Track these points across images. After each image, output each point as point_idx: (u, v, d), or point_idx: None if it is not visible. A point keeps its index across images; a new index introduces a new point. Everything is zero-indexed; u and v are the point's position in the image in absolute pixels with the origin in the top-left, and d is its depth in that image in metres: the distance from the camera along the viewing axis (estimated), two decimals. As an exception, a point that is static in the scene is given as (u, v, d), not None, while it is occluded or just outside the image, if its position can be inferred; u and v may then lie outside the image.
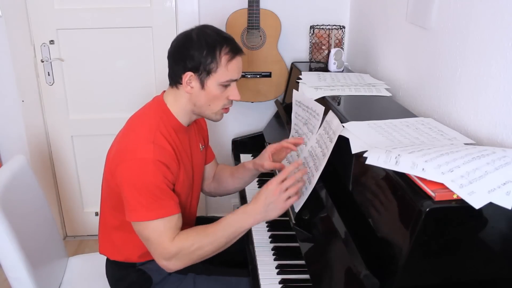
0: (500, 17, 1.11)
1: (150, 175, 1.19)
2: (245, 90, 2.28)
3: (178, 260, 1.22)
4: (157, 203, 1.20)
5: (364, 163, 0.97)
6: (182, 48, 1.25)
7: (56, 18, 2.24)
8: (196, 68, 1.23)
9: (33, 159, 2.42)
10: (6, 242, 1.28)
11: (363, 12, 2.13)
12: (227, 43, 1.24)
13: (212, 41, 1.23)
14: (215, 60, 1.22)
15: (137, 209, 1.20)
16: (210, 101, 1.28)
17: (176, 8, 2.27)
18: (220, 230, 1.22)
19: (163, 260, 1.22)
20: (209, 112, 1.31)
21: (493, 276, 0.93)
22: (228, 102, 1.31)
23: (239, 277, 1.40)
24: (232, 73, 1.26)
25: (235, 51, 1.25)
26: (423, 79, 1.52)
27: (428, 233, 0.84)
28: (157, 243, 1.21)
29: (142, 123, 1.29)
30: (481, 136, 1.19)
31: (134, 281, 1.39)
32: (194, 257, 1.23)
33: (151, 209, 1.19)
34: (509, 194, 0.83)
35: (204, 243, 1.22)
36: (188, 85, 1.26)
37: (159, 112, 1.31)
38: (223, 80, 1.25)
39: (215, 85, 1.25)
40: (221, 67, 1.23)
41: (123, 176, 1.21)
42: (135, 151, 1.21)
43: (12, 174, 1.43)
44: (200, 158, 1.48)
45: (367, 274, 0.93)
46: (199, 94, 1.27)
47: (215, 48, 1.22)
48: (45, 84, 2.35)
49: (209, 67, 1.23)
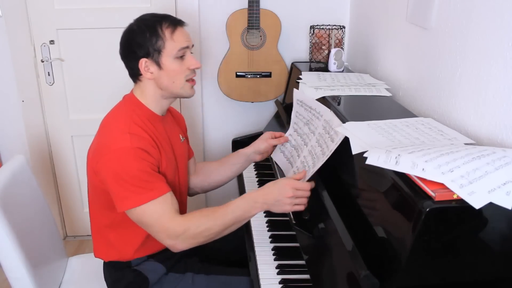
0: (500, 17, 1.11)
1: (132, 162, 1.20)
2: (245, 90, 2.28)
3: (185, 240, 1.22)
4: (147, 186, 1.21)
5: (364, 163, 0.97)
6: (128, 42, 1.30)
7: (56, 18, 2.24)
8: (146, 53, 1.27)
9: (33, 159, 2.42)
10: (6, 242, 1.28)
11: (363, 12, 2.13)
12: (165, 19, 1.29)
13: (151, 22, 1.28)
14: (159, 37, 1.27)
15: (128, 197, 1.20)
16: (172, 77, 1.30)
17: (176, 8, 2.27)
18: (229, 213, 1.24)
19: (168, 240, 1.22)
20: (176, 89, 1.33)
21: (493, 276, 0.93)
22: (190, 72, 1.33)
23: (238, 276, 1.39)
24: (179, 42, 1.28)
25: (175, 23, 1.30)
26: (423, 79, 1.52)
27: (428, 233, 0.84)
28: (158, 225, 1.21)
29: (115, 119, 1.32)
30: (481, 136, 1.19)
31: (131, 281, 1.38)
32: (201, 238, 1.24)
33: (142, 193, 1.20)
34: (509, 194, 0.83)
35: (211, 224, 1.23)
36: (147, 72, 1.29)
37: (131, 106, 1.34)
38: (174, 51, 1.28)
39: (170, 60, 1.28)
40: (167, 41, 1.27)
41: (106, 170, 1.22)
42: (112, 143, 1.23)
43: (12, 174, 1.43)
44: (182, 149, 1.48)
45: (367, 274, 0.93)
46: (160, 76, 1.30)
47: (155, 27, 1.27)
48: (45, 84, 2.35)
49: (157, 46, 1.27)
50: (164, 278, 1.39)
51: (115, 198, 1.23)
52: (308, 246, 1.27)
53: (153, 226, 1.22)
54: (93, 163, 1.28)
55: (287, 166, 1.46)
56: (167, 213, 1.22)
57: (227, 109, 2.45)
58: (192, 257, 1.48)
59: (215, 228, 1.24)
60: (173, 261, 1.42)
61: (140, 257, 1.39)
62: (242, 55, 2.22)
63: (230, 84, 2.28)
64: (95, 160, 1.26)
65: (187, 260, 1.45)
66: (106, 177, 1.22)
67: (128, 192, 1.20)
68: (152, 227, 1.23)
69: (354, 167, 1.18)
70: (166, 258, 1.41)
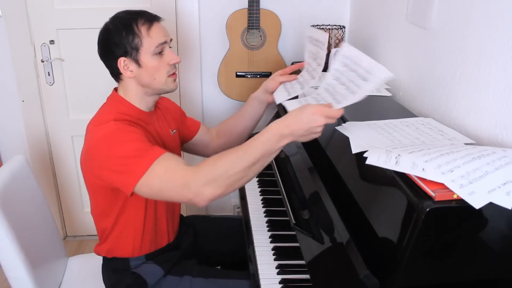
0: (501, 17, 1.11)
1: (120, 139, 1.18)
2: (245, 90, 2.28)
3: (207, 184, 1.10)
4: (142, 154, 1.15)
5: (364, 163, 0.97)
6: (105, 42, 1.29)
7: (56, 18, 2.24)
8: (124, 52, 1.26)
9: (33, 159, 2.42)
10: (6, 242, 1.28)
11: (363, 12, 2.13)
12: (140, 16, 1.27)
13: (126, 20, 1.27)
14: (136, 35, 1.25)
15: (128, 172, 1.14)
16: (152, 74, 1.29)
17: (176, 8, 2.27)
18: (252, 150, 1.09)
19: (189, 192, 1.11)
20: (158, 85, 1.31)
21: (493, 276, 0.93)
22: (170, 68, 1.31)
23: (237, 280, 1.39)
24: (156, 38, 1.27)
25: (151, 19, 1.28)
26: (423, 79, 1.52)
27: (428, 233, 0.84)
28: (170, 181, 1.13)
29: (100, 118, 1.29)
30: (481, 136, 1.19)
31: (129, 284, 1.38)
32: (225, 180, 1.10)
33: (141, 162, 1.14)
34: (509, 194, 0.83)
35: (232, 164, 1.10)
36: (127, 70, 1.28)
37: (115, 103, 1.32)
38: (152, 48, 1.26)
39: (149, 57, 1.27)
40: (144, 38, 1.25)
41: (99, 160, 1.19)
42: (98, 131, 1.21)
43: (12, 174, 1.43)
44: (173, 142, 1.47)
45: (367, 274, 0.93)
46: (140, 73, 1.28)
47: (131, 25, 1.25)
48: (45, 84, 2.35)
49: (134, 44, 1.25)
50: (162, 281, 1.39)
51: (119, 182, 1.18)
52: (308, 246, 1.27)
53: (166, 186, 1.13)
54: (87, 163, 1.27)
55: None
56: (174, 166, 1.14)
57: (227, 109, 2.45)
58: (191, 259, 1.47)
59: (237, 167, 1.09)
60: (172, 264, 1.42)
61: (139, 256, 1.39)
62: (242, 55, 2.22)
63: (230, 84, 2.28)
64: (88, 159, 1.25)
65: (186, 263, 1.44)
66: (101, 166, 1.19)
67: (127, 168, 1.15)
68: (166, 188, 1.14)
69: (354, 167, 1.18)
70: (165, 260, 1.41)
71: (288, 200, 1.45)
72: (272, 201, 1.67)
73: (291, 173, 1.56)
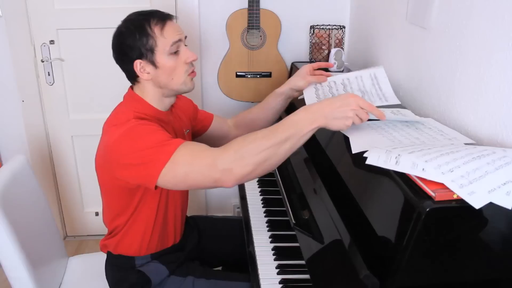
0: (500, 17, 1.11)
1: (140, 133, 1.16)
2: (245, 90, 2.28)
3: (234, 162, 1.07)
4: (165, 142, 1.14)
5: (364, 163, 0.97)
6: (119, 45, 1.27)
7: (56, 18, 2.24)
8: (140, 54, 1.24)
9: (33, 159, 2.42)
10: (6, 242, 1.28)
11: (363, 12, 2.13)
12: (152, 16, 1.24)
13: (138, 22, 1.24)
14: (149, 36, 1.22)
15: (152, 163, 1.12)
16: (170, 74, 1.26)
17: (176, 8, 2.27)
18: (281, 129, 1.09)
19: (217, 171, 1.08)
20: (176, 85, 1.28)
21: (493, 276, 0.93)
22: (188, 66, 1.28)
23: (238, 282, 1.39)
24: (170, 37, 1.24)
25: (163, 18, 1.25)
26: (423, 79, 1.52)
27: (428, 233, 0.84)
28: (197, 165, 1.11)
29: (117, 118, 1.27)
30: (481, 136, 1.19)
31: (134, 282, 1.39)
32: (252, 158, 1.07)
33: (164, 151, 1.12)
34: (509, 194, 0.83)
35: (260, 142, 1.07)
36: (143, 73, 1.26)
37: (133, 102, 1.30)
38: (167, 47, 1.23)
39: (165, 58, 1.24)
40: (158, 38, 1.23)
41: (118, 158, 1.17)
42: (119, 127, 1.19)
43: (12, 174, 1.43)
44: None
45: (367, 274, 0.93)
46: (157, 75, 1.26)
47: (144, 26, 1.22)
48: (45, 84, 2.35)
49: (148, 45, 1.23)
50: (166, 280, 1.39)
51: (141, 176, 1.15)
52: (308, 246, 1.27)
53: (192, 168, 1.10)
54: (104, 164, 1.24)
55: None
56: (198, 149, 1.13)
57: (227, 109, 2.45)
58: (194, 261, 1.48)
59: (266, 143, 1.07)
60: (176, 265, 1.43)
61: (145, 255, 1.39)
62: (242, 55, 2.22)
63: (230, 84, 2.28)
64: (106, 160, 1.23)
65: (189, 265, 1.45)
66: (122, 164, 1.16)
67: (150, 157, 1.12)
68: (191, 171, 1.11)
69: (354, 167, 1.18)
70: (170, 261, 1.42)
71: (288, 200, 1.45)
72: (272, 201, 1.67)
73: (291, 173, 1.56)
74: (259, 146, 1.08)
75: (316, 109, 1.08)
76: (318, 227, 1.24)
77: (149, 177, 1.14)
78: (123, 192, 1.27)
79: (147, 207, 1.33)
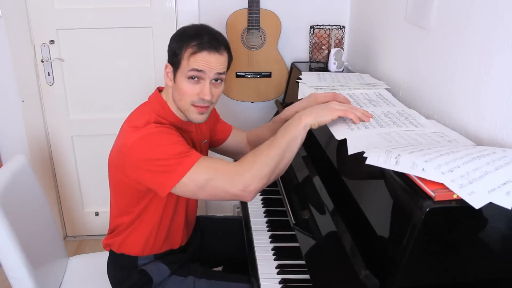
0: (500, 17, 1.11)
1: (159, 142, 1.16)
2: (245, 90, 2.28)
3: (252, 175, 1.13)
4: (184, 155, 1.15)
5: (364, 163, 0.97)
6: (170, 40, 1.27)
7: (56, 18, 2.24)
8: (171, 61, 1.25)
9: (33, 159, 2.42)
10: (6, 242, 1.28)
11: (363, 12, 2.13)
12: (198, 37, 1.21)
13: (185, 35, 1.23)
14: (180, 52, 1.21)
15: (170, 173, 1.13)
16: (180, 95, 1.25)
17: (176, 8, 2.27)
18: (279, 134, 1.17)
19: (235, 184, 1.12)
20: (182, 107, 1.27)
21: (493, 276, 0.93)
22: (197, 99, 1.24)
23: (239, 283, 1.39)
24: (193, 64, 1.20)
25: (201, 46, 1.20)
26: (423, 79, 1.52)
27: (428, 233, 0.84)
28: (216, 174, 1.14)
29: (138, 119, 1.26)
30: (481, 136, 1.19)
31: (135, 281, 1.39)
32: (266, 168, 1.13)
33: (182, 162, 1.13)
34: (509, 194, 0.83)
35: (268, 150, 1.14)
36: (167, 77, 1.27)
37: (157, 106, 1.30)
38: (185, 71, 1.21)
39: (182, 78, 1.23)
40: (183, 59, 1.21)
41: (134, 160, 1.17)
42: (138, 131, 1.18)
43: (12, 174, 1.43)
44: (202, 153, 1.46)
45: (367, 274, 0.93)
46: (174, 88, 1.27)
47: (183, 41, 1.22)
48: (45, 84, 2.35)
49: (176, 59, 1.23)
50: (167, 280, 1.40)
51: (156, 183, 1.16)
52: (308, 246, 1.27)
53: (210, 184, 1.13)
54: (118, 163, 1.23)
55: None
56: (218, 162, 1.16)
57: (226, 109, 2.45)
58: (195, 262, 1.48)
59: (272, 152, 1.13)
60: (178, 265, 1.43)
61: (148, 255, 1.40)
62: (242, 55, 2.22)
63: (230, 84, 2.28)
64: (120, 159, 1.21)
65: (190, 265, 1.46)
66: (139, 167, 1.17)
67: (169, 168, 1.13)
68: (210, 186, 1.13)
69: (354, 167, 1.18)
70: (172, 261, 1.42)
71: (288, 200, 1.45)
72: (272, 201, 1.67)
73: (291, 173, 1.56)
74: (267, 157, 1.14)
75: (303, 109, 1.20)
76: (318, 227, 1.24)
77: (162, 186, 1.16)
78: (133, 192, 1.28)
79: (154, 209, 1.33)
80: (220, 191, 1.15)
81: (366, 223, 1.04)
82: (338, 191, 1.23)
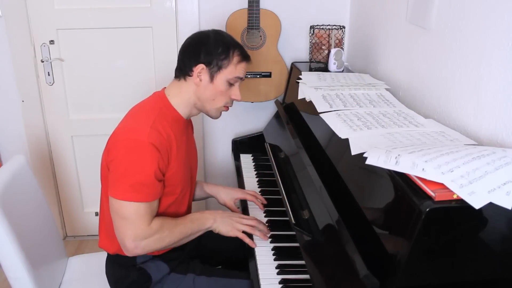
0: (500, 17, 1.11)
1: (142, 159, 1.24)
2: (245, 90, 2.28)
3: (148, 243, 1.26)
4: (145, 186, 1.24)
5: (364, 163, 0.97)
6: (198, 43, 1.35)
7: (56, 18, 2.24)
8: (209, 62, 1.33)
9: (33, 159, 2.42)
10: (6, 242, 1.28)
11: (363, 12, 2.13)
12: (240, 48, 1.37)
13: (227, 42, 1.36)
14: (228, 57, 1.34)
15: (124, 188, 1.23)
16: (215, 95, 1.36)
17: (176, 8, 2.27)
18: (188, 222, 1.35)
19: (133, 241, 1.25)
20: (211, 107, 1.39)
21: (493, 276, 0.93)
22: (230, 101, 1.41)
23: (239, 279, 1.40)
24: (239, 72, 1.37)
25: (246, 57, 1.39)
26: (423, 79, 1.52)
27: (428, 233, 0.84)
28: (134, 224, 1.24)
29: (141, 112, 1.35)
30: (481, 136, 1.19)
31: (134, 280, 1.39)
32: (163, 243, 1.30)
33: (138, 191, 1.23)
34: (509, 194, 0.83)
35: (174, 231, 1.31)
36: (198, 77, 1.34)
37: (159, 103, 1.37)
38: (231, 76, 1.35)
39: (223, 81, 1.35)
40: (231, 65, 1.35)
41: (117, 153, 1.26)
42: (131, 131, 1.27)
43: (12, 174, 1.43)
44: (196, 154, 1.56)
45: (367, 274, 0.93)
46: (206, 87, 1.35)
47: (229, 48, 1.34)
48: (45, 84, 2.35)
49: (221, 62, 1.33)
50: (166, 277, 1.40)
51: (113, 181, 1.26)
52: (308, 246, 1.27)
53: (128, 222, 1.24)
54: (109, 144, 1.31)
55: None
56: (147, 218, 1.26)
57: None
58: (194, 259, 1.48)
59: (176, 234, 1.31)
60: (177, 262, 1.43)
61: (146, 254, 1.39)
62: (242, 55, 2.22)
63: (230, 84, 2.28)
64: (112, 142, 1.30)
65: (190, 262, 1.46)
66: (114, 159, 1.26)
67: (127, 183, 1.23)
68: (125, 222, 1.25)
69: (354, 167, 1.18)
70: (171, 259, 1.42)
71: (288, 200, 1.45)
72: (272, 201, 1.67)
73: (291, 173, 1.56)
74: (170, 237, 1.31)
75: (210, 212, 1.41)
76: (318, 227, 1.24)
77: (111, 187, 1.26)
78: None
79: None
80: (120, 234, 1.26)
81: (366, 223, 1.04)
82: (338, 191, 1.23)
